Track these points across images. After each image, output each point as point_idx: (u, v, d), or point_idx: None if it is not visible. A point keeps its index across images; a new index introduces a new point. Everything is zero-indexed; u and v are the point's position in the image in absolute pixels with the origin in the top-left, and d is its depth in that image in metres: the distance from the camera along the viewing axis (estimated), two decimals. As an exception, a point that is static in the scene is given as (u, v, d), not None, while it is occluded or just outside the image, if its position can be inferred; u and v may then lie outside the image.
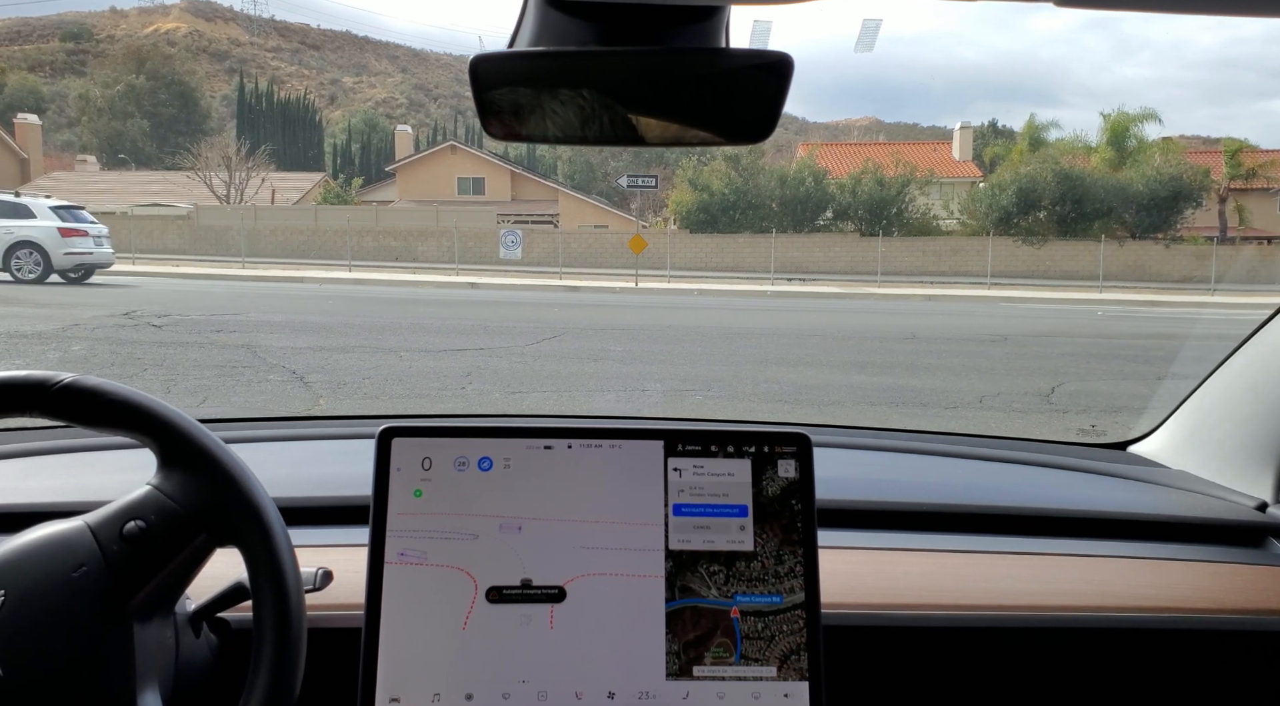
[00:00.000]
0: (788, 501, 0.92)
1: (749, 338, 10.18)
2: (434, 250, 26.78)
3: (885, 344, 9.74)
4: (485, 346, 8.54)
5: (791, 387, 6.88)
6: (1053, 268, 25.89)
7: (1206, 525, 1.22)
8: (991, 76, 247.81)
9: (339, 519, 1.09)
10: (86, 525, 0.78)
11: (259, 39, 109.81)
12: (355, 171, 48.88)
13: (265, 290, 15.29)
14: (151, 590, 0.76)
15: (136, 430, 0.78)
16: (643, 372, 7.43)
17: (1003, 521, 1.19)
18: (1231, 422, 1.36)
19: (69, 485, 1.16)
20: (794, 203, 28.87)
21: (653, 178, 25.11)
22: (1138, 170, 27.50)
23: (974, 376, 7.48)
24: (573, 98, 0.74)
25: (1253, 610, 1.06)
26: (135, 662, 0.75)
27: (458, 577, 0.88)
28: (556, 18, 0.71)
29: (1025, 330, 11.50)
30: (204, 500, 0.77)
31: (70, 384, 0.77)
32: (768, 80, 0.73)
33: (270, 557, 0.76)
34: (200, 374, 6.56)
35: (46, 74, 77.55)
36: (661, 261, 23.80)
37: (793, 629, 0.89)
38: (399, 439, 0.91)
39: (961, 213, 29.89)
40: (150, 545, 0.76)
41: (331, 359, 7.41)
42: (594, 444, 0.93)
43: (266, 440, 1.37)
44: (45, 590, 0.75)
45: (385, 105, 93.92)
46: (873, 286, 21.37)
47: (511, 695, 0.86)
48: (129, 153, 47.69)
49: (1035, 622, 1.02)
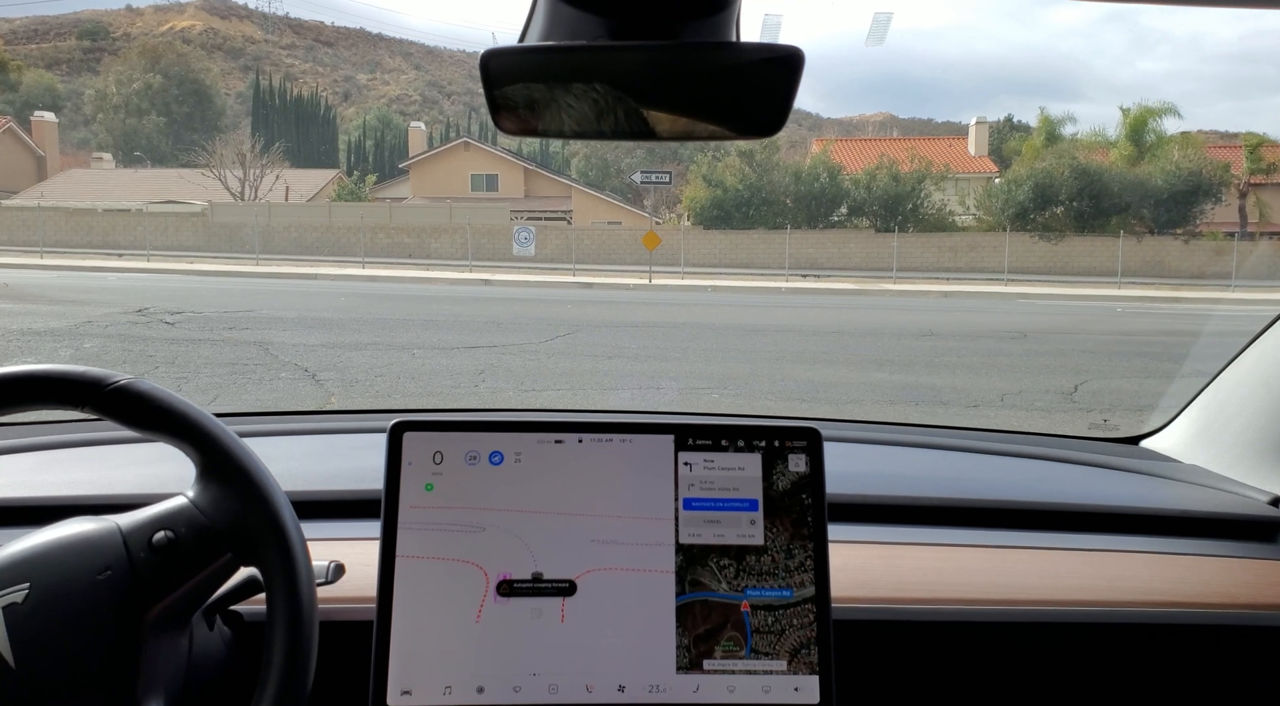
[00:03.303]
0: (798, 496, 0.92)
1: (764, 334, 10.08)
2: (447, 247, 26.72)
3: (903, 341, 9.63)
4: (499, 343, 8.48)
5: (809, 386, 6.79)
6: (1069, 263, 25.61)
7: (1219, 520, 1.21)
8: (1008, 71, 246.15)
9: (351, 512, 1.09)
10: (118, 528, 0.78)
11: (274, 36, 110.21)
12: (369, 168, 48.88)
13: (278, 287, 15.28)
14: (169, 603, 0.77)
15: (181, 438, 0.79)
16: (658, 370, 7.35)
17: (1014, 516, 1.19)
18: (1244, 418, 1.35)
19: (90, 479, 1.17)
20: (808, 198, 28.65)
21: (667, 173, 24.99)
22: (1157, 165, 27.16)
23: (994, 374, 7.36)
24: (583, 92, 0.74)
25: (1265, 605, 1.05)
26: (142, 674, 0.74)
27: (469, 571, 0.89)
28: (567, 12, 0.71)
29: (1045, 327, 11.35)
30: (235, 519, 0.77)
31: (125, 386, 0.78)
32: (778, 74, 0.72)
33: (287, 578, 0.76)
34: (212, 371, 6.52)
35: (63, 72, 78.05)
36: (675, 258, 23.67)
37: (803, 623, 0.89)
38: (410, 433, 0.92)
39: (977, 208, 29.62)
40: (176, 558, 0.76)
41: (343, 356, 7.36)
42: (605, 438, 0.93)
43: (280, 434, 1.37)
44: (70, 589, 0.75)
45: (399, 102, 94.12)
46: (888, 282, 21.20)
47: (522, 688, 0.87)
48: (144, 150, 47.85)
49: (1046, 617, 1.01)
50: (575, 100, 0.74)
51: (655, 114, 0.76)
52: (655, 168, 27.93)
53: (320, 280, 18.10)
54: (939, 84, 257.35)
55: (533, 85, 0.74)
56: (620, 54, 0.73)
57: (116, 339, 7.79)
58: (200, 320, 9.34)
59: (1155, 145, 28.40)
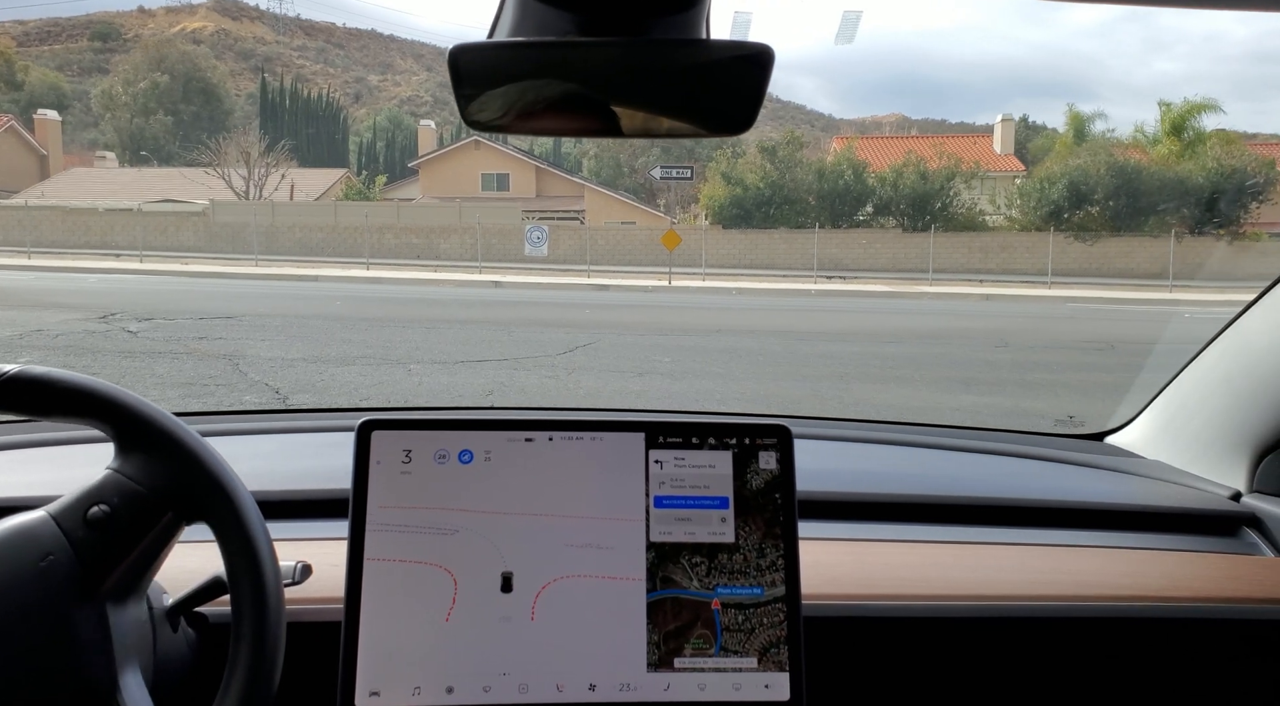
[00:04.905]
0: (769, 493, 0.92)
1: (810, 342, 8.85)
2: (457, 247, 25.96)
3: (975, 351, 8.37)
4: (509, 356, 7.28)
5: (891, 412, 5.54)
6: (1106, 264, 24.68)
7: (1182, 515, 1.23)
8: (1023, 72, 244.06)
9: (318, 512, 1.07)
10: (49, 515, 0.77)
11: (284, 38, 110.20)
12: (380, 169, 48.15)
13: (273, 290, 14.17)
14: (123, 572, 0.75)
15: (90, 416, 0.77)
16: (700, 391, 6.13)
17: (981, 512, 1.20)
18: (1206, 413, 1.35)
19: (29, 480, 1.14)
20: (832, 197, 27.62)
21: (688, 169, 23.99)
22: (1197, 162, 26.16)
23: (1104, 395, 6.12)
24: (553, 88, 0.72)
25: (1227, 598, 1.06)
26: (113, 644, 0.74)
27: (438, 574, 0.87)
28: (536, 8, 0.70)
29: (1124, 335, 10.09)
30: (166, 478, 0.76)
31: (16, 375, 0.75)
32: (748, 72, 0.72)
33: (242, 531, 0.74)
34: (162, 392, 5.38)
35: (74, 73, 77.89)
36: (693, 258, 22.76)
37: (773, 622, 0.89)
38: (379, 431, 0.90)
39: (1008, 207, 28.55)
40: (117, 528, 0.75)
41: (326, 373, 6.19)
42: (575, 436, 0.92)
43: (244, 433, 1.33)
44: (16, 583, 0.74)
45: (410, 103, 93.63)
46: (924, 284, 20.05)
47: (492, 688, 0.86)
48: (151, 150, 47.26)
49: (1013, 613, 1.02)
50: (545, 96, 0.73)
51: (625, 111, 0.74)
52: (674, 163, 26.84)
53: (321, 282, 17.17)
54: (952, 85, 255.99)
55: (502, 81, 0.72)
56: (590, 50, 0.71)
57: (60, 352, 6.66)
58: (169, 328, 8.19)
59: (1194, 142, 27.38)
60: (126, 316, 8.84)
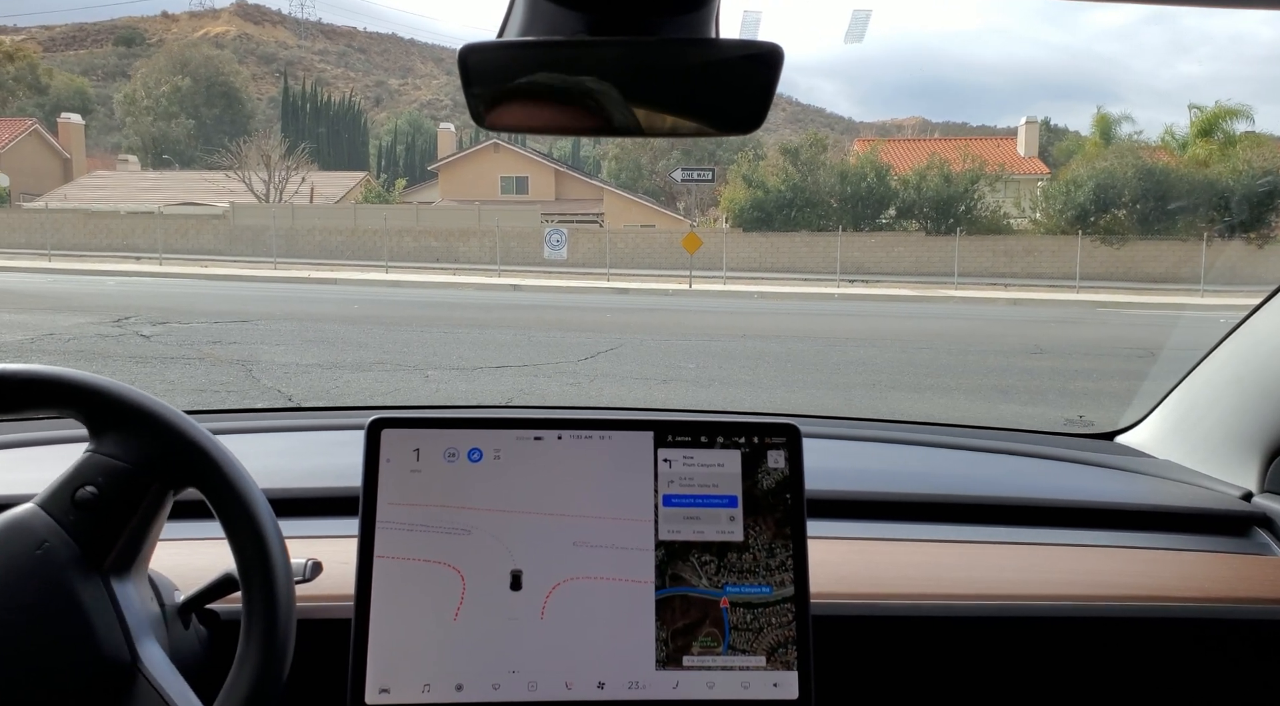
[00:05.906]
0: (778, 492, 0.92)
1: (841, 348, 8.59)
2: (476, 250, 25.83)
3: (1012, 358, 8.07)
4: (529, 362, 7.07)
5: (930, 424, 5.27)
6: (1134, 269, 24.27)
7: (1193, 515, 1.22)
8: (1045, 75, 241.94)
9: (328, 510, 1.07)
10: (37, 505, 0.77)
11: (306, 42, 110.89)
12: (400, 172, 48.25)
13: (291, 293, 14.05)
14: (121, 548, 0.75)
15: (58, 405, 0.76)
16: (728, 399, 5.89)
17: (991, 511, 1.20)
18: (1217, 413, 1.35)
19: (9, 480, 1.13)
20: (854, 200, 27.33)
21: (709, 171, 23.77)
22: (1228, 165, 25.69)
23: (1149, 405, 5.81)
24: (562, 88, 0.72)
25: (1238, 598, 1.05)
26: (126, 619, 0.74)
27: (447, 573, 0.87)
28: (546, 7, 0.71)
29: (1161, 341, 9.76)
30: (146, 450, 0.75)
31: None
32: (758, 71, 0.72)
33: (235, 492, 0.74)
34: (171, 398, 5.16)
35: (98, 77, 78.59)
36: (714, 262, 22.53)
37: (782, 622, 0.89)
38: (389, 430, 0.90)
39: (1033, 210, 28.16)
40: (106, 506, 0.75)
41: (340, 380, 6.00)
42: (584, 435, 0.92)
43: (255, 431, 1.34)
44: (16, 575, 0.73)
45: (430, 107, 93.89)
46: (949, 288, 19.71)
47: (501, 685, 0.86)
48: (174, 154, 47.53)
49: (1023, 612, 1.01)
50: (554, 96, 0.73)
51: (635, 110, 0.74)
52: (695, 166, 26.61)
53: (339, 285, 17.05)
54: (972, 87, 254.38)
55: (512, 81, 0.72)
56: (599, 50, 0.71)
57: (71, 356, 6.51)
58: (183, 332, 8.04)
59: (1225, 144, 26.92)
60: (141, 320, 8.71)
